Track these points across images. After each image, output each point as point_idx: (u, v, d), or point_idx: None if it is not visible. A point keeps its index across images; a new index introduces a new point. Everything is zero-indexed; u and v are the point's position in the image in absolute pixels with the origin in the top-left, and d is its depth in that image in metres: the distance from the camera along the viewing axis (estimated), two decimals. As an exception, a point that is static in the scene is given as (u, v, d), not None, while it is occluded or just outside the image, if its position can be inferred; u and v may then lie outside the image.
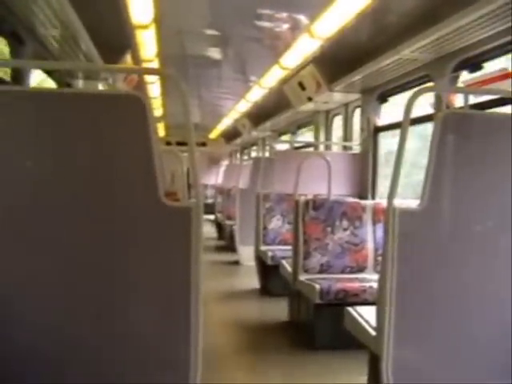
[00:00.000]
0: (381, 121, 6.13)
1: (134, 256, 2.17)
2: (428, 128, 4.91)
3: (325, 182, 5.40)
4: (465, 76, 4.34)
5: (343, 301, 3.97)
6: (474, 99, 4.09)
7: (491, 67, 4.10)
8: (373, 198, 6.14)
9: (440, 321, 2.55)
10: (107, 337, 2.18)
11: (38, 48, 4.50)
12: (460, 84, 4.42)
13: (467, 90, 4.10)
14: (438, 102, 4.52)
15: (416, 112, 4.94)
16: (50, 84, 5.48)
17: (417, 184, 3.99)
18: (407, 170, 6.08)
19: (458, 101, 4.40)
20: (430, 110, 4.78)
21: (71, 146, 2.12)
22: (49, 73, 5.31)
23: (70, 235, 2.13)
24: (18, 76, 4.14)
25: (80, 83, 5.98)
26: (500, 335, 2.54)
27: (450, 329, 2.55)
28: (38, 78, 6.10)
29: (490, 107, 3.95)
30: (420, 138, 6.14)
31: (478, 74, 4.16)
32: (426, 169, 2.43)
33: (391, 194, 2.49)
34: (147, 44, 5.37)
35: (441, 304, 2.54)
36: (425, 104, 4.89)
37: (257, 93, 8.25)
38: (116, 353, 2.19)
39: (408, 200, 3.41)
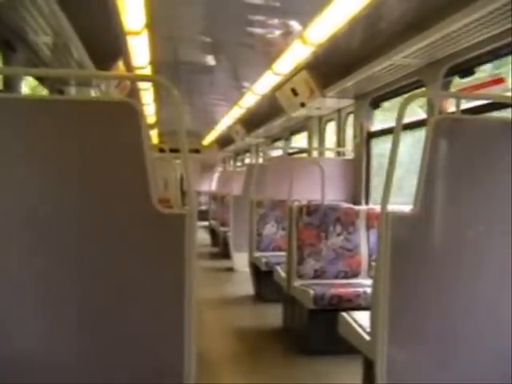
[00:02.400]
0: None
1: (127, 263, 2.16)
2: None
3: (318, 187, 5.40)
4: (457, 81, 4.36)
5: (337, 306, 3.95)
6: (466, 104, 4.11)
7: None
8: (366, 203, 6.14)
9: (434, 325, 2.54)
10: (100, 342, 2.17)
11: (29, 55, 4.49)
12: (452, 89, 4.44)
13: (459, 94, 4.12)
14: (431, 107, 4.54)
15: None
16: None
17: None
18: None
19: (451, 106, 4.42)
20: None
21: (64, 154, 2.11)
22: (41, 80, 5.30)
23: (62, 241, 2.11)
24: (10, 84, 4.13)
25: (72, 90, 5.97)
26: (494, 337, 2.54)
27: (444, 332, 2.55)
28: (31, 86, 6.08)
29: (483, 112, 3.97)
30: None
31: (470, 79, 4.19)
32: (418, 174, 2.43)
33: (384, 200, 2.49)
34: (139, 50, 5.36)
35: (434, 308, 2.54)
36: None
37: (250, 99, 8.26)
38: (109, 359, 2.17)
39: (401, 205, 3.41)
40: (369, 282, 4.36)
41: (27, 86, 5.65)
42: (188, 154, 2.24)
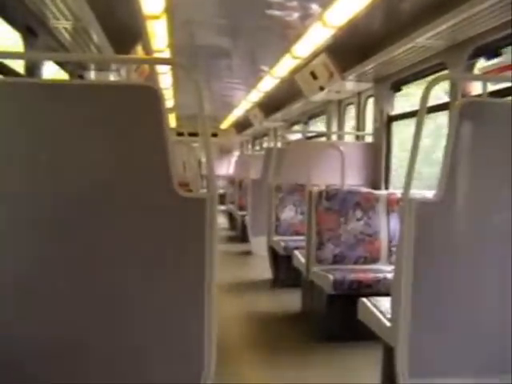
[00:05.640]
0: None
1: (148, 246, 2.17)
2: None
3: (337, 172, 5.36)
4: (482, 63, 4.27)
5: (357, 292, 3.94)
6: (491, 87, 4.02)
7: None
8: (386, 188, 6.09)
9: (456, 312, 2.53)
10: (119, 330, 2.18)
11: (50, 40, 4.50)
12: (476, 71, 4.35)
13: (484, 77, 4.04)
14: (454, 91, 4.45)
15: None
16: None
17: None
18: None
19: (475, 89, 4.34)
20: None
21: (85, 138, 2.11)
22: (61, 65, 5.32)
23: (82, 225, 2.12)
24: (32, 68, 4.15)
25: (92, 75, 5.98)
26: None
27: (466, 320, 2.53)
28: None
29: (509, 95, 3.88)
30: None
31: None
32: (442, 159, 2.39)
33: (407, 185, 2.46)
34: (158, 34, 5.35)
35: (457, 295, 2.52)
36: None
37: (268, 83, 8.21)
38: (128, 346, 2.19)
39: (423, 190, 3.38)
40: (389, 267, 4.33)
41: (48, 71, 5.68)
42: (209, 137, 2.23)
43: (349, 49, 5.69)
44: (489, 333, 2.53)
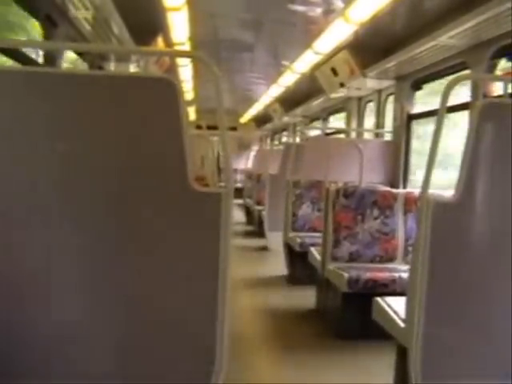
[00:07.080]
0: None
1: (162, 241, 2.16)
2: None
3: (355, 169, 5.33)
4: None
5: (372, 290, 3.91)
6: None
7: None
8: (404, 186, 6.04)
9: (471, 314, 2.49)
10: (132, 323, 2.18)
11: (70, 30, 4.51)
12: (498, 72, 4.29)
13: (505, 78, 3.97)
14: (475, 91, 4.39)
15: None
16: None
17: None
18: None
19: (496, 89, 4.27)
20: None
21: (101, 129, 2.11)
22: (81, 55, 5.34)
23: (98, 219, 2.13)
24: (51, 58, 4.17)
25: (111, 66, 6.01)
26: None
27: (481, 323, 2.49)
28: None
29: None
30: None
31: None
32: (461, 159, 2.36)
33: (425, 184, 2.43)
34: (179, 27, 5.34)
35: (472, 297, 2.48)
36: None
37: (289, 78, 8.19)
38: (141, 339, 2.19)
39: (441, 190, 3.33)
40: (404, 267, 4.29)
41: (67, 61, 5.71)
42: (227, 131, 2.21)
43: (371, 46, 5.65)
44: (504, 336, 2.49)
